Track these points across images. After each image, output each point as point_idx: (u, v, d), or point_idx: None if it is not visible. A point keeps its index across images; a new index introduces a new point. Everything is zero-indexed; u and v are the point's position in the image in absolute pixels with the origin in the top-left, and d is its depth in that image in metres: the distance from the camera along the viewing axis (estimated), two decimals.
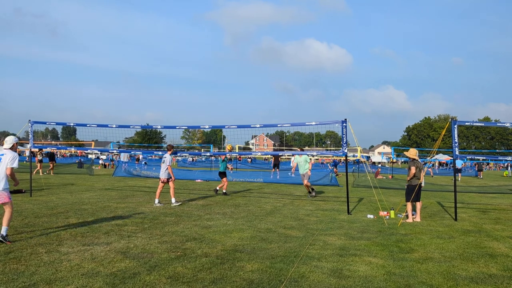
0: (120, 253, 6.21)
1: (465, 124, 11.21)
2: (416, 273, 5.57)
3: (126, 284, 4.80)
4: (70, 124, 16.13)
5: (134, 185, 19.18)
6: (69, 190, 16.00)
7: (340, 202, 13.61)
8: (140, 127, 18.25)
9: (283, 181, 23.78)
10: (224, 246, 6.85)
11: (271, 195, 15.85)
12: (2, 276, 4.96)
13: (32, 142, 14.81)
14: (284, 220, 9.70)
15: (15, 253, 6.00)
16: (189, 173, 27.55)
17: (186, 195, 15.04)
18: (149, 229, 8.20)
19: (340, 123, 11.05)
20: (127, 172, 27.51)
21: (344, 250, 6.78)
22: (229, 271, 5.41)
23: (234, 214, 10.48)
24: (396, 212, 11.02)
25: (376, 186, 15.78)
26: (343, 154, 11.35)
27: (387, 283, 5.08)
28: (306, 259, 6.14)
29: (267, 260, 6.01)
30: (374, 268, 5.75)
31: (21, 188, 15.02)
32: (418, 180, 10.01)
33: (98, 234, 7.54)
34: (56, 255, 5.99)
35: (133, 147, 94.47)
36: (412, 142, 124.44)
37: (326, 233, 8.19)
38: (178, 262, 5.77)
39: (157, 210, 10.94)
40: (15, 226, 8.07)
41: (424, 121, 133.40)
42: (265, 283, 4.95)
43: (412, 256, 6.50)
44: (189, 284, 4.85)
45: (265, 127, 12.96)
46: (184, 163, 56.18)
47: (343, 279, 5.20)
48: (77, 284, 4.75)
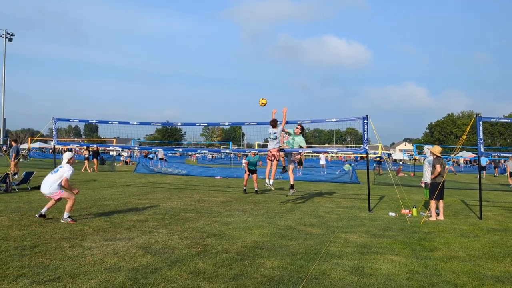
0: (142, 248, 6.27)
1: (490, 120, 10.93)
2: (440, 272, 5.47)
3: (147, 279, 4.84)
4: (93, 121, 16.39)
5: (155, 182, 19.38)
6: (92, 186, 16.26)
7: (361, 200, 13.48)
8: (161, 124, 18.44)
9: (303, 178, 23.68)
10: (244, 242, 6.86)
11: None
12: (28, 269, 5.07)
13: (56, 139, 15.09)
14: (304, 217, 9.66)
15: (40, 247, 6.13)
16: (209, 170, 27.70)
17: (205, 192, 15.12)
18: (169, 225, 8.27)
19: (361, 120, 10.92)
20: (148, 169, 27.81)
21: (366, 248, 6.70)
22: (250, 268, 5.40)
23: (254, 211, 10.48)
24: (419, 210, 10.84)
25: (397, 184, 15.54)
26: (364, 151, 11.22)
27: (410, 282, 5.00)
28: (327, 256, 6.09)
29: (287, 257, 5.99)
30: (397, 266, 5.67)
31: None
32: (442, 178, 9.82)
33: (120, 229, 7.64)
34: (80, 249, 6.09)
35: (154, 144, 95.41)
36: (435, 139, 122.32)
37: (347, 231, 8.12)
38: (199, 258, 5.80)
39: (178, 206, 11.02)
40: (40, 220, 8.24)
41: (447, 118, 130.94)
42: (286, 280, 4.93)
43: (435, 254, 6.39)
44: (210, 280, 4.86)
45: (285, 124, 12.86)
46: (203, 160, 56.52)
47: (364, 277, 5.13)
48: (100, 278, 4.81)
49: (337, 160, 57.48)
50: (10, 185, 13.46)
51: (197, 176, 24.54)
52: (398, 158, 73.35)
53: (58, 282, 4.63)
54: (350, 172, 23.88)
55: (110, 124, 14.74)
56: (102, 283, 4.64)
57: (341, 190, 17.44)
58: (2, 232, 7.07)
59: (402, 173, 32.42)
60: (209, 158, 61.09)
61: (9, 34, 62.49)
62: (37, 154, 56.33)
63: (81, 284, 4.59)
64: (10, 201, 11.14)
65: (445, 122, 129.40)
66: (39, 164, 33.36)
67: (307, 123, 12.52)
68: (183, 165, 32.21)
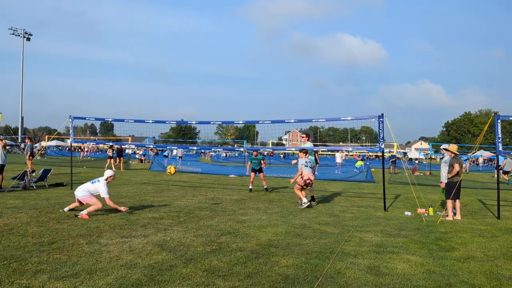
0: (157, 245, 6.32)
1: (509, 119, 10.72)
2: (457, 272, 5.39)
3: (163, 276, 4.88)
4: (109, 120, 16.56)
5: (170, 180, 19.50)
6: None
7: (376, 199, 13.37)
8: (176, 123, 18.55)
9: (317, 177, 23.59)
10: (258, 241, 6.86)
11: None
12: (46, 265, 5.15)
13: (72, 137, 15.28)
14: (318, 216, 9.62)
15: (58, 244, 6.22)
16: (223, 168, 27.77)
17: (220, 190, 15.17)
18: (184, 222, 8.32)
19: (377, 118, 10.82)
20: (162, 167, 27.99)
21: (381, 247, 6.65)
22: (264, 266, 5.40)
23: (268, 210, 10.48)
24: (435, 209, 10.71)
25: (413, 183, 15.39)
26: (380, 150, 11.12)
27: (427, 282, 4.94)
28: (342, 255, 6.06)
29: (302, 255, 5.97)
30: (413, 266, 5.61)
31: (62, 182, 15.57)
32: (459, 177, 9.69)
33: (136, 226, 7.71)
34: (96, 246, 6.16)
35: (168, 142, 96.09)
36: (451, 137, 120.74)
37: (362, 230, 8.06)
38: (214, 256, 5.82)
39: (192, 204, 11.08)
40: (57, 217, 8.37)
41: (464, 116, 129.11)
42: (301, 279, 4.92)
43: (452, 254, 6.30)
44: (225, 278, 4.87)
45: (299, 122, 12.83)
46: (217, 159, 56.70)
47: (380, 277, 5.09)
48: (116, 274, 4.86)
49: (352, 159, 57.11)
50: (28, 183, 13.69)
51: (211, 174, 24.64)
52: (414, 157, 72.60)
53: (76, 278, 4.69)
54: (365, 171, 23.70)
55: (125, 123, 14.87)
56: (119, 280, 4.69)
57: (356, 189, 17.32)
58: (21, 229, 7.20)
59: (418, 172, 32.08)
60: (223, 157, 61.26)
61: (27, 34, 63.53)
62: (54, 152, 57.18)
63: (98, 280, 4.64)
64: (28, 198, 11.33)
65: (462, 121, 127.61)
66: (56, 162, 33.87)
67: (321, 122, 12.45)
68: (198, 163, 32.37)
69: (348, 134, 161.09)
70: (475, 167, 47.17)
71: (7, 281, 4.54)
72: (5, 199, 11.00)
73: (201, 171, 26.43)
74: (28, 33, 63.44)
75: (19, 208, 9.52)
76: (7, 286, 4.40)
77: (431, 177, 26.84)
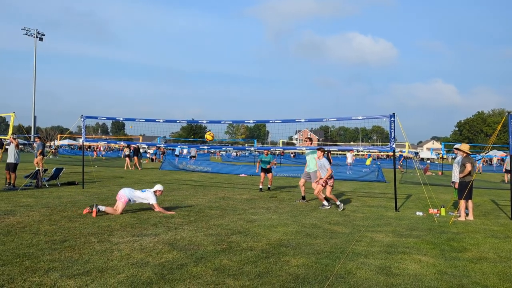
0: (168, 244, 6.34)
1: None
2: (469, 273, 5.33)
3: (173, 274, 4.89)
4: (120, 119, 16.66)
5: (180, 179, 19.58)
6: (119, 182, 16.56)
7: (387, 199, 13.29)
8: (186, 122, 18.61)
9: None
10: (269, 240, 6.85)
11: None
12: (58, 263, 5.20)
13: (84, 137, 15.42)
14: (329, 216, 9.58)
15: (69, 242, 6.27)
16: (233, 168, 27.82)
17: (230, 189, 15.19)
18: (195, 221, 8.34)
19: (388, 118, 10.75)
20: (173, 166, 28.13)
21: (392, 247, 6.60)
22: (275, 265, 5.39)
23: (278, 209, 10.47)
24: (447, 209, 10.61)
25: (425, 183, 15.24)
26: (391, 150, 11.04)
27: (439, 283, 4.89)
28: (353, 255, 6.02)
29: (312, 255, 5.95)
30: (425, 266, 5.55)
31: (74, 180, 15.72)
32: (471, 177, 9.57)
33: (147, 225, 7.75)
34: (108, 244, 6.21)
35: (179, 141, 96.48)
36: (464, 137, 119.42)
37: (373, 230, 8.01)
38: (224, 255, 5.82)
39: (203, 203, 11.11)
40: (69, 216, 8.45)
41: (477, 116, 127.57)
42: (311, 279, 4.90)
43: (465, 255, 6.23)
44: (235, 277, 4.87)
45: (309, 122, 12.84)
46: (228, 158, 56.79)
47: (391, 277, 5.05)
48: (127, 273, 4.89)
49: (363, 159, 56.82)
50: (40, 181, 13.84)
51: (222, 174, 24.68)
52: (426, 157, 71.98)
53: (87, 276, 4.73)
54: (376, 171, 23.57)
55: (136, 122, 14.96)
56: (129, 278, 4.71)
57: (367, 188, 17.22)
58: (33, 227, 7.28)
59: (430, 171, 31.81)
60: (234, 156, 61.35)
61: (40, 34, 64.20)
62: (66, 151, 57.74)
63: (109, 279, 4.67)
64: (40, 196, 11.46)
65: (474, 120, 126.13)
66: (68, 160, 34.22)
67: (332, 121, 12.40)
68: (208, 163, 32.47)
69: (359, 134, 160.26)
70: (489, 167, 46.60)
71: (20, 278, 4.59)
72: (18, 197, 11.14)
73: (212, 170, 26.50)
74: (41, 33, 64.09)
75: (31, 206, 9.63)
76: (20, 283, 4.45)
77: (443, 177, 26.60)
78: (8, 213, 8.56)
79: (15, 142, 13.99)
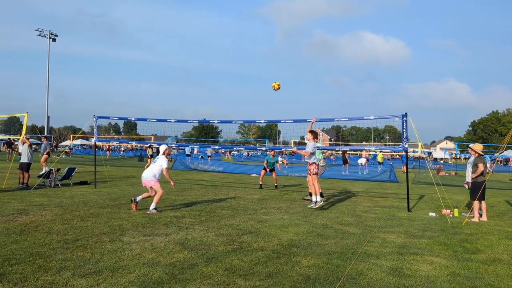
0: (179, 244, 6.36)
1: None
2: (483, 275, 5.25)
3: (184, 274, 4.90)
4: (132, 119, 16.78)
5: (191, 179, 19.65)
6: (130, 182, 16.67)
7: (400, 199, 13.17)
8: (198, 122, 18.66)
9: (340, 177, 23.39)
10: (280, 240, 6.83)
11: (327, 191, 15.64)
12: (70, 262, 5.24)
13: (96, 136, 15.55)
14: (340, 216, 9.53)
15: (81, 241, 6.33)
16: (245, 168, 27.83)
17: (241, 189, 15.19)
18: (206, 221, 8.35)
19: (401, 117, 10.65)
20: (184, 166, 28.24)
21: (404, 248, 6.53)
22: (285, 266, 5.37)
23: (289, 209, 10.44)
24: (461, 210, 10.48)
25: (438, 183, 15.08)
26: (404, 150, 10.94)
27: (452, 284, 4.83)
28: (364, 256, 5.97)
29: (323, 256, 5.92)
30: (437, 268, 5.49)
31: (86, 180, 15.87)
32: (484, 177, 9.44)
33: (158, 225, 7.78)
34: (119, 244, 6.24)
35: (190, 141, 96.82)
36: (478, 137, 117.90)
37: (385, 231, 7.94)
38: (235, 255, 5.82)
39: (214, 203, 11.12)
40: (81, 215, 8.52)
41: (492, 115, 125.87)
42: (322, 279, 4.87)
43: (478, 257, 6.14)
44: (246, 277, 4.86)
45: (321, 121, 12.78)
46: (239, 158, 56.84)
47: (403, 278, 5.00)
48: (138, 272, 4.91)
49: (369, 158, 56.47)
50: (53, 181, 13.99)
51: (233, 173, 24.71)
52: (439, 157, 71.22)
53: (99, 276, 4.76)
54: (388, 171, 23.39)
55: (148, 122, 15.04)
56: (141, 278, 4.73)
57: (379, 189, 17.10)
58: (46, 226, 7.35)
59: (443, 172, 31.47)
60: (245, 156, 61.40)
61: (53, 35, 64.95)
62: (79, 151, 58.33)
63: (120, 278, 4.69)
64: (53, 196, 11.58)
65: (489, 120, 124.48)
66: (80, 160, 34.56)
67: (344, 121, 12.33)
68: (220, 162, 32.54)
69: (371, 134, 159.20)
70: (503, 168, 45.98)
71: (33, 277, 4.64)
72: (31, 196, 11.27)
73: (223, 170, 26.55)
74: (54, 34, 64.85)
75: (44, 205, 9.74)
76: (33, 282, 4.49)
77: (457, 178, 26.31)
78: (21, 212, 8.67)
79: (27, 142, 14.17)
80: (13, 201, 10.24)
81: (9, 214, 8.46)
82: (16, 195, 11.44)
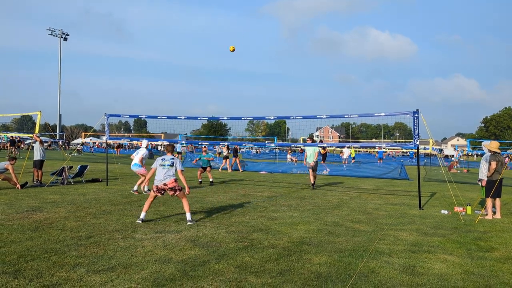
0: (190, 241, 6.39)
1: None
2: (497, 273, 5.20)
3: (196, 271, 4.92)
4: (142, 117, 16.89)
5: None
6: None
7: (411, 197, 13.08)
8: (207, 119, 18.70)
9: (349, 174, 23.29)
10: (290, 238, 6.83)
11: (337, 188, 15.59)
12: (84, 259, 5.30)
13: (108, 134, 15.66)
14: (351, 214, 9.49)
15: (95, 238, 6.39)
16: (254, 165, 27.81)
17: (251, 187, 15.20)
18: (216, 219, 8.38)
19: (412, 114, 10.57)
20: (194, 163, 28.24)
21: (417, 246, 6.49)
22: (297, 263, 5.37)
23: (299, 207, 10.42)
24: (473, 208, 10.38)
25: (450, 180, 14.94)
26: (415, 147, 10.86)
27: (465, 283, 4.79)
28: (376, 254, 5.95)
29: (335, 253, 5.91)
30: (450, 266, 5.45)
31: (98, 177, 15.99)
32: (499, 175, 9.33)
33: (169, 222, 7.82)
34: (131, 241, 6.29)
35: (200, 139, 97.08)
36: (490, 134, 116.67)
37: (397, 228, 7.90)
38: (246, 252, 5.83)
39: (224, 200, 11.15)
40: (94, 212, 8.60)
41: (504, 112, 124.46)
42: (334, 277, 4.86)
43: (492, 255, 6.08)
44: (257, 274, 4.87)
45: (331, 118, 12.71)
46: (248, 155, 56.84)
47: (416, 276, 4.97)
48: (151, 269, 4.95)
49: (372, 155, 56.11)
50: (66, 178, 14.13)
51: (242, 171, 24.70)
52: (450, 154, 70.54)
53: (112, 272, 4.80)
54: (399, 168, 23.23)
55: (158, 119, 15.11)
56: (153, 274, 4.77)
57: (389, 186, 16.99)
58: (59, 223, 7.43)
59: (455, 169, 31.19)
60: (254, 153, 61.37)
61: (64, 34, 65.47)
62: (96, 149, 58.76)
63: (133, 275, 4.73)
64: (66, 193, 11.69)
65: (501, 116, 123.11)
66: (91, 158, 34.81)
67: (353, 118, 12.28)
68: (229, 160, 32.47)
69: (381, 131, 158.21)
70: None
71: (48, 273, 4.70)
72: (45, 194, 11.39)
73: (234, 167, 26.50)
74: (65, 33, 65.40)
75: (58, 203, 9.84)
76: (48, 278, 4.55)
77: (469, 175, 26.05)
78: (36, 210, 8.77)
79: (38, 139, 14.32)
80: (27, 198, 10.37)
81: (24, 211, 8.57)
82: (30, 193, 11.57)
